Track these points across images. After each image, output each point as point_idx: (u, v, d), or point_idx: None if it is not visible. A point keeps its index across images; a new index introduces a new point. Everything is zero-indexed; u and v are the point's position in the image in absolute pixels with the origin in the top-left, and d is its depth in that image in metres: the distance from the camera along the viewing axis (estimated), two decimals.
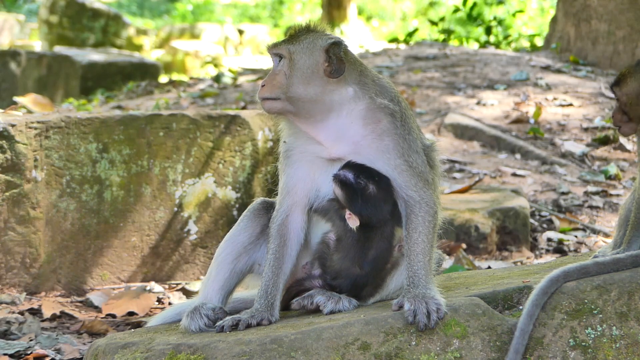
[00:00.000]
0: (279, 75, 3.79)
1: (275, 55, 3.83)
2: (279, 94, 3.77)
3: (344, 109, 3.78)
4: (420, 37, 21.17)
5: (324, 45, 3.78)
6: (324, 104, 3.76)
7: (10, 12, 34.38)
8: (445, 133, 10.46)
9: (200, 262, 6.49)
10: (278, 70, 3.80)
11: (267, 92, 3.79)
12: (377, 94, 3.81)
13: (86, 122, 6.10)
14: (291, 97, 3.76)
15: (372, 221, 3.77)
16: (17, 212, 5.83)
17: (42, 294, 5.94)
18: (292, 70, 3.76)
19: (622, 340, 3.57)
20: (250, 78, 14.49)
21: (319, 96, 3.76)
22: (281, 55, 3.81)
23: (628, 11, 13.02)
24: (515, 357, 3.45)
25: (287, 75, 3.77)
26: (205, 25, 32.64)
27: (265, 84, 3.80)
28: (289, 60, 3.78)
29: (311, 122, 3.79)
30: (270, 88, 3.78)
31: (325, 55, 3.77)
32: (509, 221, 7.31)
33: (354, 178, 3.73)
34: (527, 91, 11.76)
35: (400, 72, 13.08)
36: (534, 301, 3.55)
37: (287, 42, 3.82)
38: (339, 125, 3.78)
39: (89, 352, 3.86)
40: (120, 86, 17.00)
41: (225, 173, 6.53)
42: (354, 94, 3.79)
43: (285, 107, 3.78)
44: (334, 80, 3.76)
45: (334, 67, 3.77)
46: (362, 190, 3.72)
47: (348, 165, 3.77)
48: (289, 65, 3.77)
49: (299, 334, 3.46)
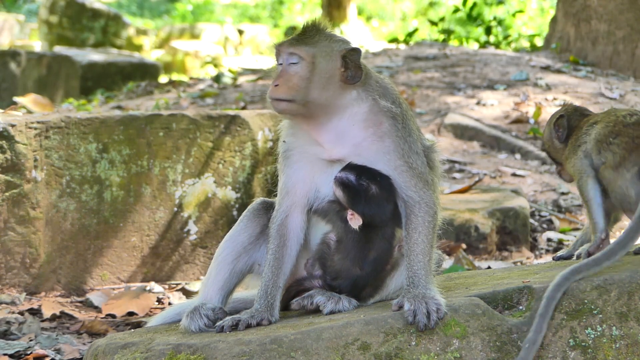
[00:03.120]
0: (295, 77, 3.73)
1: (291, 55, 3.76)
2: (294, 96, 3.72)
3: (347, 111, 3.78)
4: (420, 37, 21.16)
5: (341, 50, 3.76)
6: (331, 107, 3.76)
7: (10, 12, 34.39)
8: (445, 133, 10.46)
9: (200, 262, 6.50)
10: (294, 72, 3.74)
11: (282, 93, 3.73)
12: (380, 96, 3.81)
13: (86, 122, 6.10)
14: (307, 101, 3.72)
15: (375, 221, 3.78)
16: (17, 212, 5.83)
17: (42, 294, 5.94)
18: (312, 74, 3.72)
19: (622, 340, 3.57)
20: (250, 78, 14.48)
21: (330, 100, 3.75)
22: (298, 57, 3.75)
23: (628, 11, 13.02)
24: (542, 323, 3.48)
25: (306, 78, 3.72)
26: (205, 25, 32.65)
27: (280, 84, 3.73)
28: (309, 64, 3.73)
29: (315, 123, 3.79)
30: (286, 89, 3.72)
31: (342, 60, 3.76)
32: (509, 221, 7.31)
33: (355, 179, 3.74)
34: (527, 91, 11.76)
35: (400, 72, 13.08)
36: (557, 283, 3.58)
37: (304, 43, 3.75)
38: (341, 127, 3.78)
39: (89, 352, 3.86)
40: (120, 86, 17.00)
41: (225, 173, 6.53)
42: (357, 95, 3.79)
43: (298, 110, 3.75)
44: (346, 85, 3.76)
45: (350, 74, 3.76)
46: (365, 190, 3.73)
47: (349, 167, 3.77)
48: (308, 69, 3.73)
49: (299, 334, 3.46)
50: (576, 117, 4.56)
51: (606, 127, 4.35)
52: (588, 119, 4.51)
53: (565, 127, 4.55)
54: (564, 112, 4.59)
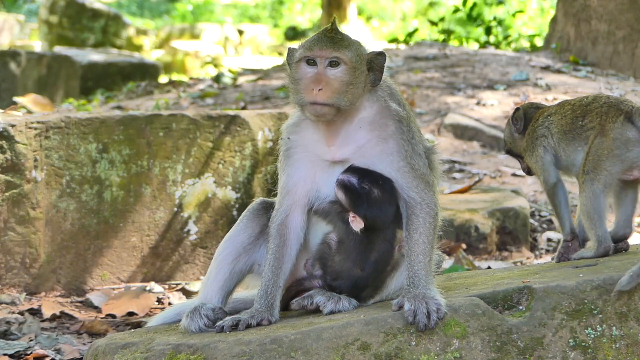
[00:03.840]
0: (336, 82, 3.70)
1: (334, 58, 3.72)
2: (336, 101, 3.70)
3: (358, 113, 3.79)
4: (420, 37, 21.17)
5: (369, 54, 3.77)
6: (350, 110, 3.77)
7: (10, 12, 34.38)
8: (445, 133, 10.47)
9: (200, 262, 6.50)
10: (335, 76, 3.71)
11: (325, 97, 3.68)
12: (389, 98, 3.82)
13: (86, 122, 6.11)
14: (345, 105, 3.72)
15: (377, 224, 3.78)
16: (17, 212, 5.83)
17: (42, 294, 5.94)
18: (352, 78, 3.71)
19: (622, 340, 3.57)
20: (250, 78, 14.49)
21: (355, 103, 3.76)
22: (340, 61, 3.72)
23: (628, 11, 13.02)
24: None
25: (348, 83, 3.70)
26: (205, 25, 32.67)
27: (323, 88, 3.69)
28: (350, 69, 3.71)
29: (332, 127, 3.78)
30: (330, 94, 3.69)
31: (367, 64, 3.76)
32: (508, 221, 7.31)
33: (357, 182, 3.74)
34: (527, 91, 11.76)
35: (400, 72, 13.09)
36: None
37: (343, 47, 3.73)
38: (349, 129, 3.79)
39: (89, 352, 3.86)
40: (120, 86, 17.00)
41: (225, 173, 6.53)
42: (369, 98, 3.80)
43: (333, 114, 3.73)
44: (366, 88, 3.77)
45: (373, 77, 3.77)
46: (367, 194, 3.73)
47: (351, 170, 3.76)
48: (350, 73, 3.71)
49: (298, 334, 3.46)
50: (532, 110, 4.82)
51: (565, 117, 4.58)
52: (542, 110, 4.75)
53: (522, 117, 4.79)
54: (520, 106, 4.86)
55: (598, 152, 4.42)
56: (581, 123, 4.52)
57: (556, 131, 4.58)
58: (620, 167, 4.41)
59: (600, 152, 4.41)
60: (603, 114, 4.47)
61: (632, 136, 4.39)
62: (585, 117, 4.51)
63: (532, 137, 4.68)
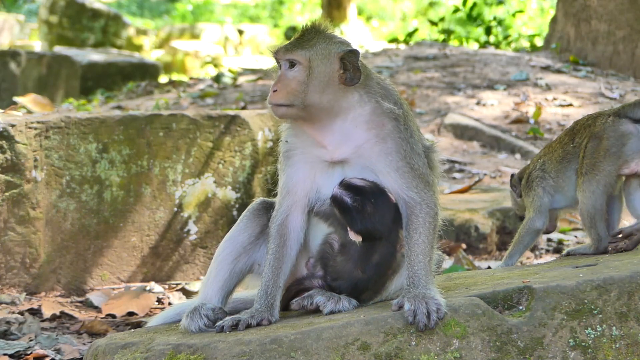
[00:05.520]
0: (293, 82, 3.72)
1: (288, 60, 3.75)
2: (293, 101, 3.72)
3: (350, 113, 3.78)
4: (420, 37, 21.17)
5: (339, 52, 3.76)
6: (333, 110, 3.75)
7: (10, 12, 34.39)
8: (445, 133, 10.47)
9: (200, 262, 6.50)
10: (292, 76, 3.73)
11: (282, 98, 3.72)
12: (383, 98, 3.81)
13: (86, 122, 6.11)
14: (307, 105, 3.72)
15: (373, 236, 3.78)
16: (17, 212, 5.83)
17: (42, 294, 5.94)
18: (310, 78, 3.71)
19: (622, 340, 3.57)
20: (250, 78, 14.49)
21: (331, 103, 3.74)
22: (295, 61, 3.75)
23: (628, 11, 13.03)
24: None
25: (304, 82, 3.71)
26: (205, 25, 32.67)
27: (278, 89, 3.72)
28: (306, 68, 3.72)
29: (317, 126, 3.78)
30: (285, 95, 3.72)
31: (340, 62, 3.76)
32: (509, 221, 7.31)
33: (350, 200, 3.73)
34: (527, 91, 11.77)
35: (400, 72, 13.09)
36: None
37: (300, 47, 3.75)
38: (344, 129, 3.78)
39: (89, 352, 3.86)
40: (120, 86, 17.01)
41: (225, 173, 6.53)
42: (360, 97, 3.79)
43: (298, 114, 3.75)
44: (345, 87, 3.75)
45: (349, 75, 3.76)
46: (360, 211, 3.72)
47: (344, 186, 3.75)
48: (305, 72, 3.72)
49: (298, 334, 3.46)
50: (521, 171, 5.01)
51: (556, 150, 4.70)
52: (531, 162, 4.93)
53: (518, 181, 4.97)
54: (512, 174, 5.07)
55: (594, 154, 4.43)
56: (572, 145, 4.61)
57: (551, 167, 4.70)
58: (618, 164, 4.42)
59: (596, 153, 4.42)
60: (590, 125, 4.55)
61: (625, 129, 4.44)
62: (575, 138, 4.61)
63: (529, 181, 4.81)
